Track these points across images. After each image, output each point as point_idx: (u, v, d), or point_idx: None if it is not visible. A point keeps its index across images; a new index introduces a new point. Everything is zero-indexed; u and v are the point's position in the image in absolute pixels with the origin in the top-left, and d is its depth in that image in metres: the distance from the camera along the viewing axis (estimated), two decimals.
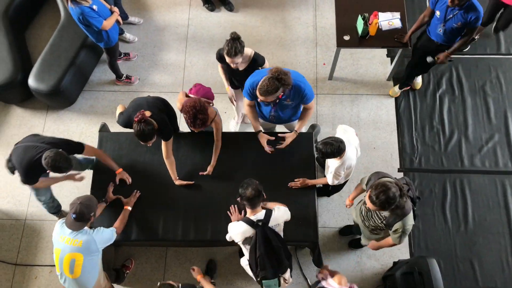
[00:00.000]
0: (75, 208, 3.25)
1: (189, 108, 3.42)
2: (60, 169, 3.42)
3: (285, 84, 3.31)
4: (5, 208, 4.88)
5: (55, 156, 3.36)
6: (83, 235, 3.33)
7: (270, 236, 3.17)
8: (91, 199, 3.38)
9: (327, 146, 3.27)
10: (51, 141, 3.64)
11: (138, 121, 3.37)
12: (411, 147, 5.01)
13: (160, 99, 3.90)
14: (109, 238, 3.48)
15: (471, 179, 4.84)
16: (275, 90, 3.30)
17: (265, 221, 3.18)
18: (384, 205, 2.94)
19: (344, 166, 3.49)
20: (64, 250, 3.33)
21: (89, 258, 3.37)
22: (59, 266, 3.40)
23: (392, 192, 2.90)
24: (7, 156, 3.77)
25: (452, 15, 3.93)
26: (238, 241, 3.28)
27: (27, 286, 4.56)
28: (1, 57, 5.05)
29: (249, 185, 3.12)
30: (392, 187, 2.93)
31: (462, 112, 5.13)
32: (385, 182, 2.97)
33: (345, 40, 4.66)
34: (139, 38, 5.68)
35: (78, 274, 3.37)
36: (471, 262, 4.50)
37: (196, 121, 3.43)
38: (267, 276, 3.26)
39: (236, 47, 3.54)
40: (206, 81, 5.32)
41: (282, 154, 4.06)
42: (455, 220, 4.67)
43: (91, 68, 5.43)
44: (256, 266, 3.25)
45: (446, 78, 5.31)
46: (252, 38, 5.64)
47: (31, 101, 5.36)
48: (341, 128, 3.67)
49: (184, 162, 4.05)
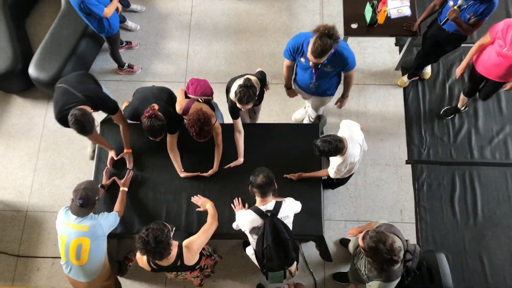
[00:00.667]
0: (80, 194, 3.25)
1: (193, 122, 3.36)
2: (80, 131, 3.40)
3: (336, 39, 3.28)
4: (6, 199, 4.82)
5: (80, 118, 3.34)
6: (89, 220, 3.34)
7: (278, 228, 3.11)
8: (92, 183, 3.42)
9: (324, 144, 3.18)
10: (90, 94, 3.61)
11: (149, 117, 3.35)
12: (419, 139, 4.90)
13: (165, 90, 3.85)
14: (114, 222, 3.49)
15: (481, 171, 4.73)
16: (330, 47, 3.27)
17: (274, 211, 3.13)
18: (371, 253, 2.74)
19: (345, 163, 3.40)
20: (70, 235, 3.32)
21: (95, 243, 3.37)
22: (65, 254, 3.38)
23: (386, 247, 2.68)
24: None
25: (467, 5, 3.78)
26: (245, 230, 3.23)
27: (29, 278, 4.52)
28: (1, 46, 4.95)
29: (261, 172, 3.11)
30: (391, 242, 2.71)
31: (472, 103, 5.00)
32: (388, 235, 2.75)
33: (353, 28, 4.54)
34: (141, 26, 5.57)
35: (85, 260, 3.36)
36: (480, 257, 4.41)
37: (202, 133, 3.39)
38: (273, 267, 3.22)
39: (249, 95, 3.35)
40: (209, 70, 5.24)
41: (288, 146, 4.00)
42: (464, 214, 4.57)
43: (92, 57, 5.33)
44: (262, 257, 3.19)
45: (456, 67, 5.13)
46: (257, 26, 5.51)
47: (32, 90, 5.27)
48: (345, 124, 3.54)
49: (189, 154, 3.98)
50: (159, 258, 2.99)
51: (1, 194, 4.86)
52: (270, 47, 5.39)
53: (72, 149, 5.00)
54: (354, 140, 3.39)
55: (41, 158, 4.98)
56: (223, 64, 5.34)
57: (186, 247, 3.16)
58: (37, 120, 5.16)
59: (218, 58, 5.37)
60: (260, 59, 5.33)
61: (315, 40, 3.24)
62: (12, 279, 4.52)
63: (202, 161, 3.95)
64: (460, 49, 4.99)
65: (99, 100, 3.64)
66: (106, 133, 4.13)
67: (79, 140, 4.99)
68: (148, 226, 2.96)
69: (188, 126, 3.40)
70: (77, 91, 3.57)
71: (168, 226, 3.04)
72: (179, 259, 3.14)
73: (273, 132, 4.08)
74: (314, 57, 3.31)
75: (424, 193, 4.67)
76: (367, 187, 4.69)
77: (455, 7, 3.77)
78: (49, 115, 5.17)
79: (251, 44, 5.43)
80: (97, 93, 3.68)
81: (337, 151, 3.24)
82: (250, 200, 3.57)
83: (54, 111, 3.62)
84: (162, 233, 2.91)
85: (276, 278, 3.31)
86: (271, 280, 3.34)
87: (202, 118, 3.35)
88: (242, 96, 3.34)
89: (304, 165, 3.89)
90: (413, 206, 4.63)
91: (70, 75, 3.85)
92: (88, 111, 3.45)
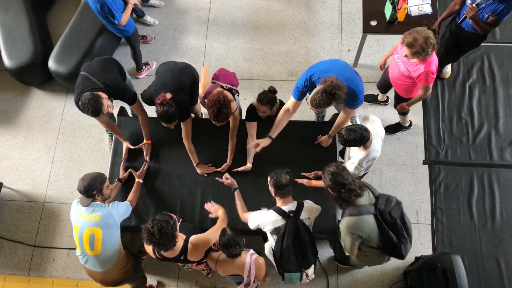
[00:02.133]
0: (78, 186, 3.38)
1: (213, 103, 3.38)
2: (89, 111, 3.44)
3: (337, 98, 3.18)
4: (24, 190, 4.90)
5: (89, 99, 3.38)
6: (99, 210, 3.38)
7: (300, 229, 3.11)
8: (93, 178, 3.41)
9: (350, 133, 3.13)
10: (109, 83, 3.65)
11: (160, 104, 3.40)
12: (437, 139, 4.82)
13: (186, 71, 3.88)
14: (125, 211, 3.52)
15: (500, 173, 4.63)
16: (327, 104, 3.20)
17: (296, 212, 3.13)
18: (332, 183, 2.96)
19: (368, 157, 3.35)
20: (83, 226, 3.38)
21: (108, 232, 3.41)
22: (80, 244, 3.44)
23: (342, 175, 2.94)
24: None
25: (485, 5, 3.71)
26: (267, 230, 3.22)
27: (45, 267, 4.59)
28: (22, 39, 5.03)
29: (282, 172, 3.11)
30: (346, 171, 2.99)
31: (493, 103, 4.90)
32: (344, 168, 3.02)
33: (372, 25, 4.48)
34: (160, 21, 5.59)
35: (99, 250, 3.40)
36: (497, 260, 4.32)
37: (220, 115, 3.40)
38: (290, 268, 3.20)
39: (269, 97, 3.58)
40: (226, 66, 5.22)
41: (303, 144, 3.97)
42: (482, 216, 4.48)
43: (111, 51, 5.37)
44: (280, 257, 3.18)
45: (477, 67, 5.07)
46: (275, 22, 5.48)
47: (51, 83, 5.35)
48: (369, 118, 3.51)
49: (205, 147, 4.00)
50: (164, 249, 3.03)
51: (20, 185, 4.94)
52: (287, 44, 5.36)
53: (89, 142, 5.05)
54: (378, 134, 3.36)
55: (58, 151, 5.05)
56: (240, 60, 5.33)
57: (192, 243, 3.19)
58: (55, 113, 5.23)
59: (236, 55, 5.36)
60: (277, 56, 5.31)
61: (317, 92, 3.17)
62: (28, 268, 4.60)
63: (216, 156, 3.97)
64: (481, 48, 4.92)
65: (116, 90, 3.67)
66: (122, 126, 4.16)
67: (96, 134, 5.05)
68: (154, 217, 3.00)
69: (207, 107, 3.43)
70: (96, 78, 3.61)
71: (174, 217, 3.07)
72: (183, 253, 3.17)
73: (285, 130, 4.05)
74: (311, 106, 3.27)
75: (441, 194, 4.59)
76: (382, 187, 4.62)
77: (473, 4, 3.71)
78: (67, 108, 5.23)
79: (269, 41, 5.41)
80: (117, 82, 3.71)
81: (362, 141, 3.18)
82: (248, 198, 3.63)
83: (75, 96, 3.67)
84: (167, 225, 2.94)
85: (292, 279, 3.28)
86: (286, 281, 3.30)
87: (222, 100, 3.37)
88: (263, 97, 3.58)
89: (319, 164, 3.83)
90: (429, 207, 4.56)
91: (95, 61, 3.88)
92: (99, 94, 3.48)
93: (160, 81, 3.77)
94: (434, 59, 3.54)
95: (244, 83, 5.16)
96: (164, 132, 4.03)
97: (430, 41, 3.30)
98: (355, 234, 3.03)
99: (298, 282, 3.29)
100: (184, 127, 3.77)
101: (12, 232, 4.75)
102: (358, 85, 3.37)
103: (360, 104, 3.53)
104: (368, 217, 3.00)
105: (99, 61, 3.86)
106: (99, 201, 3.46)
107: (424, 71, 3.52)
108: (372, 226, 3.01)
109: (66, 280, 4.54)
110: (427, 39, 3.29)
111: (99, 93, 3.49)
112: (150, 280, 4.38)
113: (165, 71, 3.85)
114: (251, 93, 5.10)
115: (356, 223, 3.01)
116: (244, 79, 5.19)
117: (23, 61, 4.95)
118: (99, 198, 3.46)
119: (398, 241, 3.03)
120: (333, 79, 3.13)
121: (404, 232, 3.05)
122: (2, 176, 4.98)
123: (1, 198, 4.86)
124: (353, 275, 4.35)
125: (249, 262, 3.25)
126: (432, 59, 3.51)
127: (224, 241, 3.11)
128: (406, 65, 3.66)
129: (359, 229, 3.02)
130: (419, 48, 3.32)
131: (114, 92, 3.66)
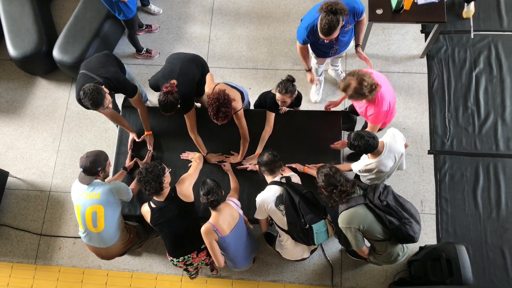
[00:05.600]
0: (81, 163, 3.42)
1: (212, 101, 3.35)
2: (90, 104, 3.45)
3: (342, 12, 3.26)
4: (31, 179, 4.94)
5: (89, 90, 3.40)
6: (100, 188, 3.45)
7: (298, 187, 3.32)
8: (98, 154, 3.49)
9: (356, 138, 3.09)
10: (109, 76, 3.65)
11: (166, 92, 3.42)
12: (443, 129, 4.79)
13: (196, 61, 3.89)
14: (125, 190, 3.58)
15: (506, 163, 4.60)
16: (337, 23, 3.27)
17: (287, 179, 3.38)
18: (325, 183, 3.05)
19: (374, 168, 3.29)
20: (85, 204, 3.45)
21: (109, 209, 3.49)
22: (82, 223, 3.50)
23: (335, 177, 3.03)
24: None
25: None
26: (270, 206, 3.31)
27: (51, 256, 4.64)
28: (26, 28, 5.03)
29: (265, 152, 3.38)
30: (339, 173, 3.06)
31: (500, 93, 4.86)
32: (338, 169, 3.11)
33: (378, 14, 4.44)
34: (164, 10, 5.56)
35: (102, 227, 3.48)
36: (501, 250, 4.32)
37: (219, 114, 3.36)
38: (313, 219, 3.27)
39: (288, 86, 3.55)
40: (231, 55, 5.21)
41: (308, 135, 3.97)
42: (487, 206, 4.47)
43: (115, 40, 5.36)
44: (298, 216, 3.25)
45: (484, 56, 5.01)
46: (280, 11, 5.44)
47: (56, 73, 5.35)
48: (391, 131, 3.39)
49: (213, 136, 4.04)
50: (152, 190, 3.29)
51: (26, 174, 4.97)
52: (292, 33, 5.32)
53: (94, 131, 5.07)
54: (392, 150, 3.27)
55: (64, 140, 5.07)
56: (244, 49, 5.30)
57: (178, 182, 3.52)
58: (60, 102, 5.24)
59: (240, 43, 5.33)
60: (282, 45, 5.27)
61: (321, 19, 3.26)
62: (35, 256, 4.65)
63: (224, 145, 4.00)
64: (489, 36, 4.86)
65: (117, 84, 3.67)
66: (128, 117, 4.17)
67: (101, 123, 5.06)
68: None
69: (207, 105, 3.42)
70: (95, 74, 3.62)
71: (163, 165, 3.39)
72: (172, 192, 3.44)
73: (292, 119, 4.05)
74: (325, 35, 3.33)
75: (446, 184, 4.58)
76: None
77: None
78: (72, 97, 5.24)
79: (274, 29, 5.37)
80: (117, 76, 3.70)
81: (367, 149, 3.12)
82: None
83: (76, 93, 3.69)
84: (155, 167, 3.29)
85: (320, 231, 3.30)
86: (317, 237, 3.31)
87: (222, 98, 3.34)
88: (282, 86, 3.55)
89: (323, 156, 3.87)
90: (434, 197, 4.55)
91: (93, 57, 3.88)
92: (100, 87, 3.48)
93: (168, 68, 3.78)
94: (385, 98, 3.38)
95: (249, 72, 5.14)
96: (168, 121, 4.05)
97: (364, 84, 3.12)
98: (353, 228, 3.08)
99: (326, 232, 3.34)
100: (187, 119, 3.76)
101: (19, 221, 4.80)
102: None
103: (363, 9, 3.60)
104: (358, 208, 3.05)
105: (97, 57, 3.86)
106: (100, 179, 3.53)
107: (373, 112, 3.42)
108: (366, 216, 3.05)
109: (72, 268, 4.59)
110: (361, 82, 3.12)
111: (99, 86, 3.48)
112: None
113: (174, 59, 3.85)
114: (256, 82, 5.08)
115: (349, 217, 3.07)
116: (249, 68, 5.17)
117: (28, 51, 4.94)
118: (101, 176, 3.52)
119: (400, 222, 3.03)
120: (326, 2, 3.26)
121: (403, 213, 3.05)
122: (8, 166, 5.01)
123: (7, 187, 4.90)
124: (358, 265, 4.36)
125: (234, 203, 3.52)
126: (382, 98, 3.36)
127: (204, 190, 3.30)
128: (357, 105, 3.60)
129: (354, 222, 3.06)
130: (353, 92, 3.17)
131: (115, 85, 3.66)
